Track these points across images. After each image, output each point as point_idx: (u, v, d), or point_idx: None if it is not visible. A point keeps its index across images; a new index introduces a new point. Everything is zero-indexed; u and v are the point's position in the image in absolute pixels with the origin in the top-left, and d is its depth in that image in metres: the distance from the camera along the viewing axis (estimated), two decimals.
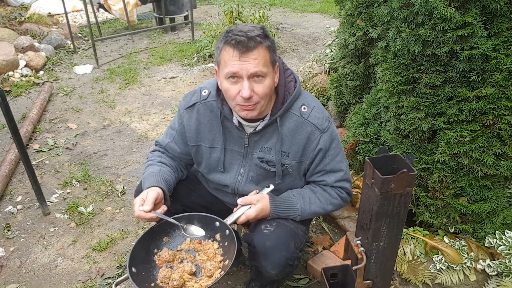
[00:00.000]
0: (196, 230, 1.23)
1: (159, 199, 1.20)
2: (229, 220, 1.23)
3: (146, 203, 1.16)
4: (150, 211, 1.15)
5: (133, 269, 1.12)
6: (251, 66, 1.09)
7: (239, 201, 1.27)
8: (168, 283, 1.11)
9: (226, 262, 1.14)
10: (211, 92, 1.29)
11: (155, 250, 1.23)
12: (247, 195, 1.29)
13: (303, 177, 1.33)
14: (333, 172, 1.29)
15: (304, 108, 1.24)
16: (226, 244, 1.20)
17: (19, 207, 2.19)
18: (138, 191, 1.42)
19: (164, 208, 1.22)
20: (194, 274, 1.15)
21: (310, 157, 1.26)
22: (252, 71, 1.10)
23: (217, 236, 1.24)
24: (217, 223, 1.23)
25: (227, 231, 1.20)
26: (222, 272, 1.11)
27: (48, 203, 2.17)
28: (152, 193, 1.19)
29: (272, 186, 1.30)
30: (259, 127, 1.24)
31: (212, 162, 1.35)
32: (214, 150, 1.32)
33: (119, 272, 1.76)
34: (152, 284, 1.13)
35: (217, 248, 1.21)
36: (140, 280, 1.11)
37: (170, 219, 1.20)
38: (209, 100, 1.29)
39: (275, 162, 1.26)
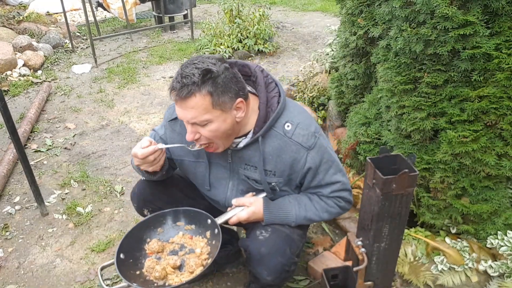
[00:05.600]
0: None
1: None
2: (220, 219, 1.24)
3: (142, 142, 1.14)
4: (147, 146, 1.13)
5: (122, 255, 1.15)
6: (188, 116, 1.06)
7: (233, 201, 1.27)
8: (152, 273, 1.14)
9: (209, 261, 1.16)
10: None
11: (148, 240, 1.25)
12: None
13: (296, 190, 1.31)
14: (329, 185, 1.26)
15: (288, 125, 1.18)
16: (213, 242, 1.22)
17: (17, 207, 2.18)
18: (134, 193, 1.41)
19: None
20: (178, 268, 1.18)
21: (299, 175, 1.22)
22: (191, 121, 1.07)
23: (208, 233, 1.25)
24: (209, 221, 1.25)
25: (216, 230, 1.21)
26: (202, 268, 1.14)
27: (46, 203, 2.16)
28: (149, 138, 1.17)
29: None
30: (241, 145, 1.20)
31: (198, 177, 1.32)
32: (199, 164, 1.30)
33: (117, 273, 1.74)
34: (138, 272, 1.16)
35: (205, 245, 1.22)
36: (126, 267, 1.14)
37: (171, 145, 1.23)
38: None
39: (261, 181, 1.24)
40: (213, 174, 1.30)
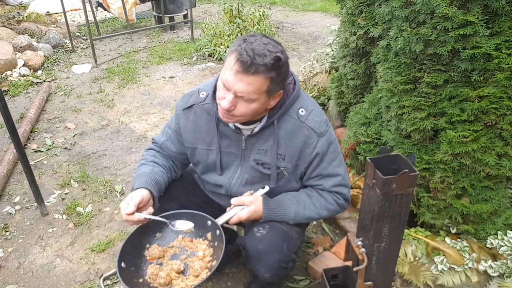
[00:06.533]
0: (184, 225, 1.23)
1: (144, 201, 1.19)
2: (220, 220, 1.23)
3: (128, 207, 1.15)
4: (133, 213, 1.14)
5: (123, 264, 1.13)
6: (240, 88, 1.06)
7: (233, 201, 1.27)
8: (156, 280, 1.12)
9: (214, 263, 1.14)
10: (208, 94, 1.28)
11: (147, 245, 1.23)
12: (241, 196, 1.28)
13: (300, 181, 1.32)
14: (331, 177, 1.27)
15: (302, 111, 1.22)
16: (216, 244, 1.20)
17: (17, 207, 2.18)
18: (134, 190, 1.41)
19: (150, 210, 1.21)
20: (182, 272, 1.16)
21: (306, 161, 1.24)
22: (239, 94, 1.08)
23: (208, 235, 1.23)
24: (209, 222, 1.23)
25: (218, 231, 1.20)
26: (209, 272, 1.11)
27: (46, 203, 2.15)
28: (136, 197, 1.17)
29: (267, 187, 1.29)
30: (256, 129, 1.22)
31: (210, 164, 1.34)
32: (211, 152, 1.31)
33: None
34: (141, 280, 1.13)
35: (207, 247, 1.20)
36: (129, 275, 1.12)
37: (158, 218, 1.20)
38: (206, 102, 1.28)
39: (270, 165, 1.25)
40: (224, 161, 1.31)
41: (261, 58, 1.03)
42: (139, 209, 1.17)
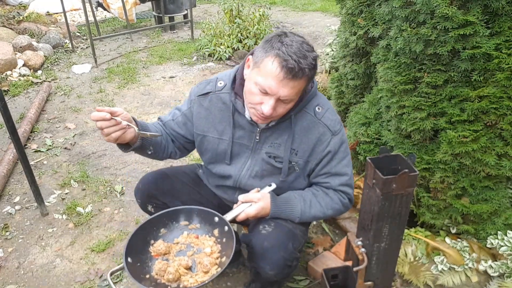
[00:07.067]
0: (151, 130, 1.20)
1: (122, 115, 1.11)
2: (228, 216, 1.22)
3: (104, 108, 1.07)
4: (103, 111, 1.06)
5: (129, 259, 1.10)
6: (285, 93, 1.08)
7: (240, 197, 1.26)
8: (163, 276, 1.09)
9: (223, 259, 1.12)
10: (226, 84, 1.28)
11: (152, 241, 1.20)
12: (247, 191, 1.28)
13: (307, 178, 1.32)
14: (338, 176, 1.28)
15: (319, 108, 1.25)
16: (224, 240, 1.18)
17: (17, 207, 2.18)
18: (138, 189, 1.41)
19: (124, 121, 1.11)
20: (190, 268, 1.13)
21: (318, 158, 1.26)
22: (283, 98, 1.09)
23: (215, 231, 1.22)
24: (216, 219, 1.21)
25: (226, 227, 1.18)
26: (219, 269, 1.09)
27: (46, 203, 2.15)
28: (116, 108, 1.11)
29: (274, 185, 1.29)
30: (272, 123, 1.24)
31: (219, 153, 1.34)
32: (222, 141, 1.31)
33: (118, 273, 1.74)
34: (147, 276, 1.11)
35: (214, 244, 1.18)
36: (135, 271, 1.09)
37: (124, 121, 1.09)
38: (223, 92, 1.29)
39: (283, 158, 1.26)
40: (234, 151, 1.31)
41: (305, 61, 1.05)
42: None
